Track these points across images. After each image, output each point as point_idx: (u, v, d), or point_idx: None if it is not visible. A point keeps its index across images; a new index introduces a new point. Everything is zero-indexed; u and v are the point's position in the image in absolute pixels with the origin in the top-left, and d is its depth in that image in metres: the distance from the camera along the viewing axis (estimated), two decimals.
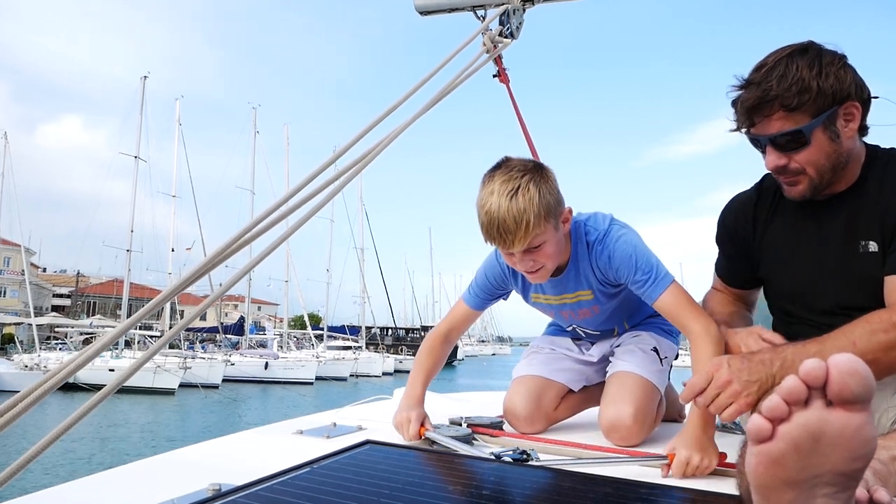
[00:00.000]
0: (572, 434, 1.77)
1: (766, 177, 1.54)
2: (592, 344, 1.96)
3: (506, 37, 1.78)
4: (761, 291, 1.66)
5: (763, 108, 1.30)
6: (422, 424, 1.64)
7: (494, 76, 2.03)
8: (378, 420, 1.87)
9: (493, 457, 1.39)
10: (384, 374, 33.76)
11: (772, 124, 1.31)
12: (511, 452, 1.38)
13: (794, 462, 0.71)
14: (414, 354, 1.95)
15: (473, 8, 1.99)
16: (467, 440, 1.56)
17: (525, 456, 1.37)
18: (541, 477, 1.26)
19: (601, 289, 1.72)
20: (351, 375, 30.74)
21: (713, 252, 1.72)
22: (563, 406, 1.88)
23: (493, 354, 74.33)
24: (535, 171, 1.53)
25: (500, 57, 1.93)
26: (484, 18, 1.89)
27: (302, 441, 1.60)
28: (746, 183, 1.62)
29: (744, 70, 1.36)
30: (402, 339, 53.04)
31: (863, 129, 1.35)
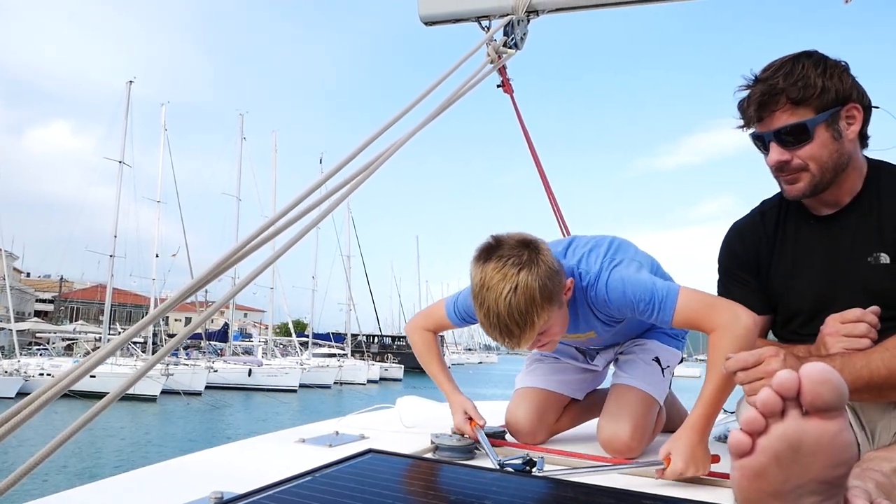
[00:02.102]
0: (576, 443, 1.79)
1: (763, 202, 1.56)
2: (597, 353, 1.95)
3: (510, 47, 1.78)
4: None
5: (769, 102, 1.34)
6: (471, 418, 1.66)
7: (498, 86, 2.03)
8: (381, 429, 1.86)
9: (497, 466, 1.39)
10: (369, 381, 33.48)
11: (776, 118, 1.34)
12: (516, 461, 1.38)
13: (777, 474, 0.72)
14: (400, 362, 1.93)
15: (478, 18, 2.00)
16: (470, 449, 1.57)
17: (530, 464, 1.37)
18: (543, 487, 1.26)
19: (607, 327, 1.68)
20: (335, 383, 30.51)
21: (703, 263, 1.70)
22: (566, 417, 1.88)
23: (480, 363, 74.18)
24: (529, 258, 1.41)
25: (504, 67, 1.94)
26: (488, 29, 1.90)
27: (304, 449, 1.59)
28: (735, 194, 1.61)
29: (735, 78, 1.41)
30: (388, 347, 52.70)
31: (863, 138, 1.38)
